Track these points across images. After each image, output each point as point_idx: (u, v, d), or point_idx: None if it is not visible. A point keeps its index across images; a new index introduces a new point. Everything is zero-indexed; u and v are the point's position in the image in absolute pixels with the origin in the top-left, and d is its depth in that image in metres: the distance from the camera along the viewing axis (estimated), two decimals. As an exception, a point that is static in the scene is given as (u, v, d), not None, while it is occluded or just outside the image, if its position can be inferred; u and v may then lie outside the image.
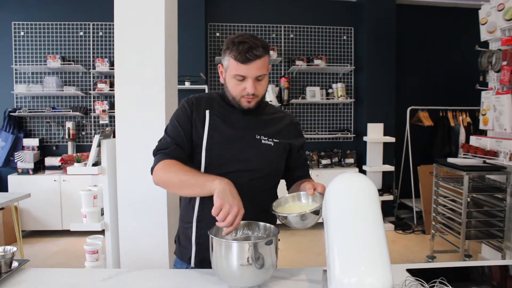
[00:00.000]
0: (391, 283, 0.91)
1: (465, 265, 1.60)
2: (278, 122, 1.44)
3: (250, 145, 1.35)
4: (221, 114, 1.38)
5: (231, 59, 1.29)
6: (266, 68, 1.32)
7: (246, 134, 1.36)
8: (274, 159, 1.39)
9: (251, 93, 1.30)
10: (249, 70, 1.28)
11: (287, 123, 1.46)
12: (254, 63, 1.27)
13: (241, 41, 1.28)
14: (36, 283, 1.24)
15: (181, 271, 1.37)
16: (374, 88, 5.12)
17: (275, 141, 1.39)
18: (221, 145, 1.32)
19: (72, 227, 2.34)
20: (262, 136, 1.38)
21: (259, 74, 1.30)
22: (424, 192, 4.79)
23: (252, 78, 1.29)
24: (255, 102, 1.34)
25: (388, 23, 5.09)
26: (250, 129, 1.37)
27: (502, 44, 3.53)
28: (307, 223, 1.21)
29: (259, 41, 1.30)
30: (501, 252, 3.29)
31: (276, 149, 1.39)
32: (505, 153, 3.43)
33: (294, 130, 1.48)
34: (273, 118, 1.44)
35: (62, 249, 4.17)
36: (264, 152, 1.36)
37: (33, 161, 4.57)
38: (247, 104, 1.34)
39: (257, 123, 1.39)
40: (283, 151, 1.42)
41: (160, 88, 2.11)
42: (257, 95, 1.33)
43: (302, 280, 1.25)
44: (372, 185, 1.08)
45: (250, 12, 5.20)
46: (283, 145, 1.41)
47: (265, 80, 1.35)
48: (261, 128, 1.39)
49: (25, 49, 4.89)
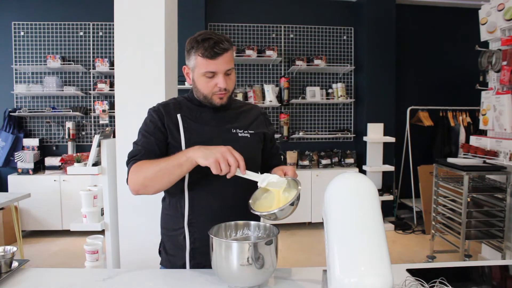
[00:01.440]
0: (391, 283, 0.91)
1: (465, 265, 1.60)
2: (248, 114, 1.46)
3: (228, 139, 1.34)
4: (192, 115, 1.37)
5: (198, 57, 1.29)
6: (233, 62, 1.33)
7: (221, 130, 1.37)
8: (253, 151, 1.40)
9: (223, 87, 1.31)
10: (218, 65, 1.28)
11: (257, 114, 1.48)
12: (222, 58, 1.28)
13: (205, 38, 1.28)
14: (36, 283, 1.24)
15: (181, 271, 1.37)
16: (374, 88, 5.12)
17: (250, 132, 1.40)
18: (200, 144, 1.24)
19: (72, 227, 2.34)
20: (238, 130, 1.38)
21: (228, 68, 1.30)
22: (424, 192, 4.79)
23: (222, 73, 1.30)
24: (227, 97, 1.35)
25: (388, 23, 5.09)
26: (224, 125, 1.38)
27: (502, 44, 3.53)
28: (287, 212, 1.19)
29: (222, 36, 1.30)
30: (501, 252, 3.29)
31: (253, 140, 1.40)
32: (505, 153, 3.43)
33: (264, 120, 1.50)
34: (242, 111, 1.46)
35: (62, 249, 4.17)
36: (244, 144, 1.35)
37: (33, 161, 4.57)
38: (219, 101, 1.34)
39: (229, 118, 1.40)
40: (259, 141, 1.43)
41: (160, 88, 2.11)
42: (228, 90, 1.34)
43: (302, 280, 1.25)
44: (372, 185, 1.08)
45: (250, 12, 5.20)
46: (259, 135, 1.43)
47: (234, 74, 1.36)
48: (233, 121, 1.40)
49: (25, 49, 4.88)
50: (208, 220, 1.29)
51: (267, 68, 5.24)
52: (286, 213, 1.18)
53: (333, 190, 1.09)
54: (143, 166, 1.25)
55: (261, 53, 5.01)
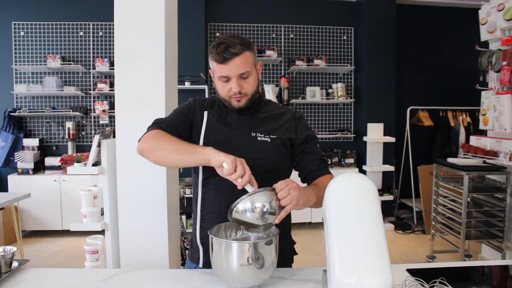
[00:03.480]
0: (391, 283, 0.91)
1: (465, 265, 1.60)
2: (278, 119, 1.41)
3: (244, 142, 1.34)
4: (218, 115, 1.39)
5: (213, 62, 1.30)
6: (250, 65, 1.31)
7: (240, 132, 1.36)
8: (271, 155, 1.35)
9: (237, 91, 1.30)
10: (229, 69, 1.28)
11: (288, 118, 1.42)
12: (232, 62, 1.27)
13: (219, 42, 1.29)
14: (36, 283, 1.24)
15: (181, 271, 1.37)
16: (374, 88, 5.12)
17: (272, 137, 1.36)
18: (217, 144, 1.28)
19: (72, 227, 2.33)
20: (258, 133, 1.36)
21: (241, 72, 1.29)
22: (424, 192, 4.79)
23: (235, 77, 1.29)
24: (245, 100, 1.34)
25: (388, 23, 5.09)
26: (245, 127, 1.37)
27: (502, 44, 3.53)
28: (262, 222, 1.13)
29: (238, 39, 1.29)
30: (501, 252, 3.29)
31: (273, 145, 1.36)
32: (505, 153, 3.43)
33: (295, 125, 1.41)
34: (271, 115, 1.42)
35: (62, 249, 4.17)
36: (260, 148, 1.34)
37: (33, 161, 4.57)
38: (237, 104, 1.34)
39: (254, 121, 1.39)
40: (281, 146, 1.37)
41: (160, 88, 2.11)
42: (245, 93, 1.33)
43: (302, 280, 1.25)
44: (372, 185, 1.08)
45: (250, 12, 5.20)
46: (281, 141, 1.37)
47: (252, 77, 1.33)
48: (257, 125, 1.38)
49: (25, 49, 4.88)
50: (217, 219, 1.30)
51: (267, 68, 5.24)
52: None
53: (333, 190, 1.09)
54: (161, 134, 1.29)
55: (261, 53, 5.01)
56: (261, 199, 1.10)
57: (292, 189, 1.13)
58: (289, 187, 1.13)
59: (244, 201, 1.10)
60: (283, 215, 1.12)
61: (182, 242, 2.92)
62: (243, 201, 1.11)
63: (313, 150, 1.40)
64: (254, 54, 1.35)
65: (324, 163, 1.40)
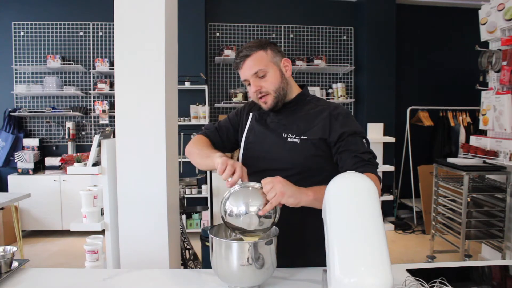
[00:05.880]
0: (391, 283, 0.91)
1: (465, 265, 1.61)
2: (314, 118, 1.36)
3: (276, 143, 1.36)
4: (260, 116, 1.44)
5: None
6: (263, 63, 1.32)
7: (274, 133, 1.38)
8: (300, 157, 1.32)
9: (253, 91, 1.35)
10: (243, 72, 1.35)
11: (324, 117, 1.35)
12: (245, 64, 1.33)
13: (237, 51, 1.37)
14: (36, 283, 1.24)
15: (181, 271, 1.38)
16: (374, 88, 5.12)
17: (302, 138, 1.33)
18: (254, 144, 1.39)
19: (72, 227, 2.33)
20: (289, 134, 1.35)
21: (254, 71, 1.32)
22: (424, 192, 4.79)
23: (251, 78, 1.33)
24: (271, 100, 1.35)
25: (388, 23, 5.09)
26: (278, 128, 1.38)
27: (502, 44, 3.53)
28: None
29: (252, 43, 1.35)
30: (501, 252, 3.29)
31: (302, 146, 1.32)
32: (505, 153, 3.43)
33: (331, 123, 1.33)
34: (308, 114, 1.38)
35: (62, 249, 4.17)
36: (289, 150, 1.33)
37: (33, 161, 4.57)
38: (264, 105, 1.38)
39: (288, 121, 1.38)
40: (311, 147, 1.32)
41: (160, 88, 2.11)
42: (267, 92, 1.34)
43: (302, 280, 1.25)
44: (372, 185, 1.08)
45: (250, 12, 5.20)
46: (312, 142, 1.32)
47: (271, 75, 1.34)
48: (290, 126, 1.37)
49: (25, 49, 4.88)
50: None
51: (267, 68, 5.24)
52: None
53: (333, 190, 1.09)
54: (199, 140, 1.47)
55: (261, 53, 5.01)
56: (244, 200, 1.14)
57: (276, 182, 1.13)
58: (273, 180, 1.13)
59: (228, 204, 1.15)
60: (268, 208, 1.12)
61: (182, 242, 2.92)
62: (227, 204, 1.15)
63: (349, 147, 1.30)
64: (272, 52, 1.36)
65: (362, 161, 1.29)
